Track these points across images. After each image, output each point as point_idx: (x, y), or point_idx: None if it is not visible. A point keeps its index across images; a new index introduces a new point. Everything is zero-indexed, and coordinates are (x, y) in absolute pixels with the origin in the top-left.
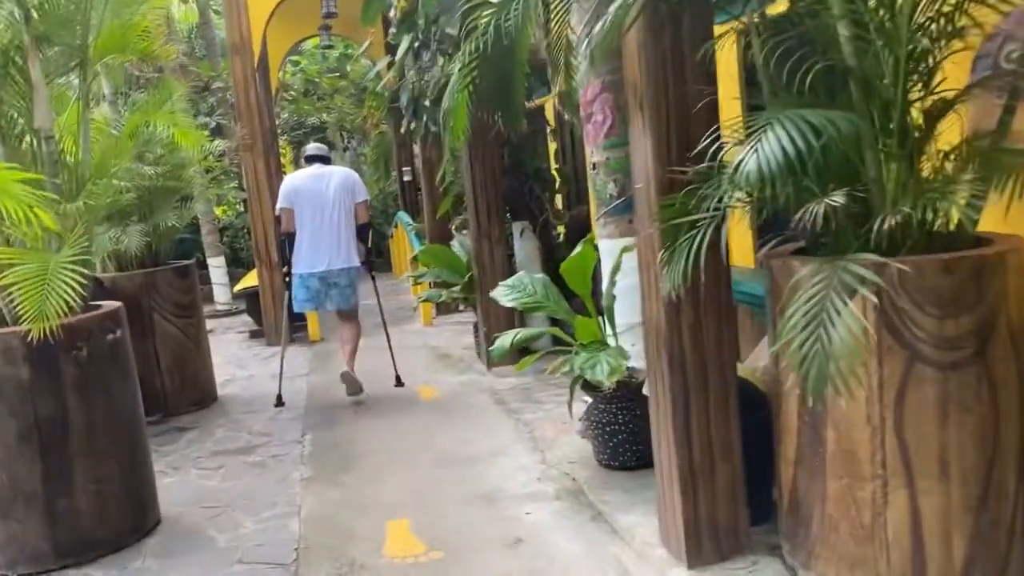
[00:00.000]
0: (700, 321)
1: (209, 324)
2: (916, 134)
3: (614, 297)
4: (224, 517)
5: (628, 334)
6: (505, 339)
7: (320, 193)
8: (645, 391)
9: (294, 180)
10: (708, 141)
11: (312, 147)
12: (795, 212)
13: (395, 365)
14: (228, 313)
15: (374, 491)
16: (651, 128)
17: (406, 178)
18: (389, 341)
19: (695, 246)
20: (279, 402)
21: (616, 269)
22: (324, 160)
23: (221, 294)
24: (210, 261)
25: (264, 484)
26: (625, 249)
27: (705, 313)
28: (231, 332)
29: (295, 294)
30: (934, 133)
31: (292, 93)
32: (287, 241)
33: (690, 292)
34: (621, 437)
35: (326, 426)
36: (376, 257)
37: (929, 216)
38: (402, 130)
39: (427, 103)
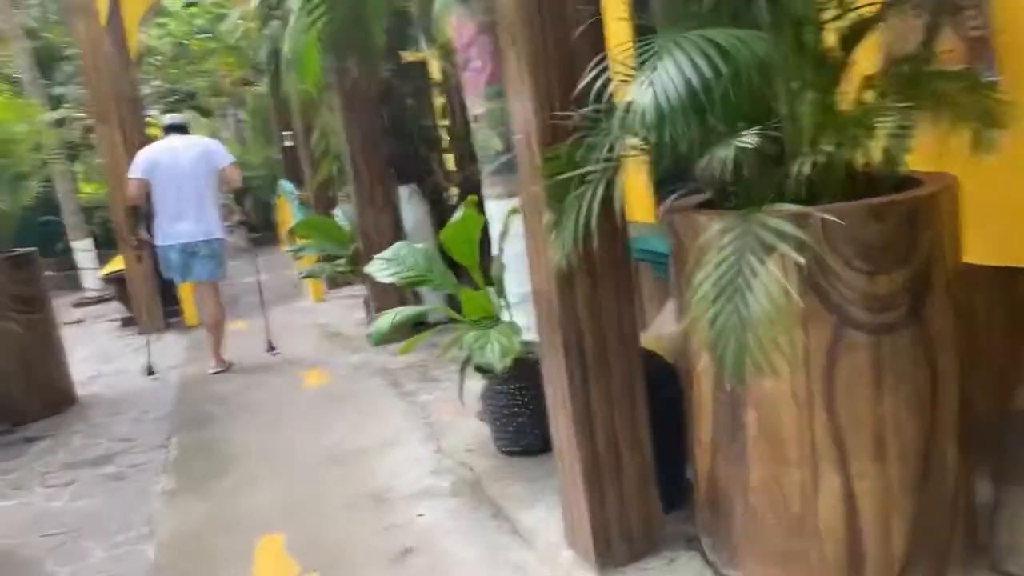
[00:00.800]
0: (597, 293)
1: (78, 313)
2: (832, 60)
3: (503, 266)
4: (69, 546)
5: (522, 306)
6: (383, 320)
7: (176, 164)
8: None
9: (151, 152)
10: (593, 76)
11: (168, 117)
12: (699, 158)
13: (268, 330)
14: (100, 300)
15: (246, 501)
16: (527, 65)
17: (287, 143)
18: (264, 311)
19: (586, 205)
20: (150, 371)
21: (504, 234)
22: (181, 130)
23: (91, 279)
24: (74, 244)
25: (120, 501)
26: (513, 211)
27: (602, 283)
28: (102, 321)
29: (162, 266)
30: (851, 58)
31: (159, 58)
32: (133, 214)
33: (584, 259)
34: (522, 420)
35: (197, 425)
36: (264, 230)
37: (850, 156)
38: (267, 89)
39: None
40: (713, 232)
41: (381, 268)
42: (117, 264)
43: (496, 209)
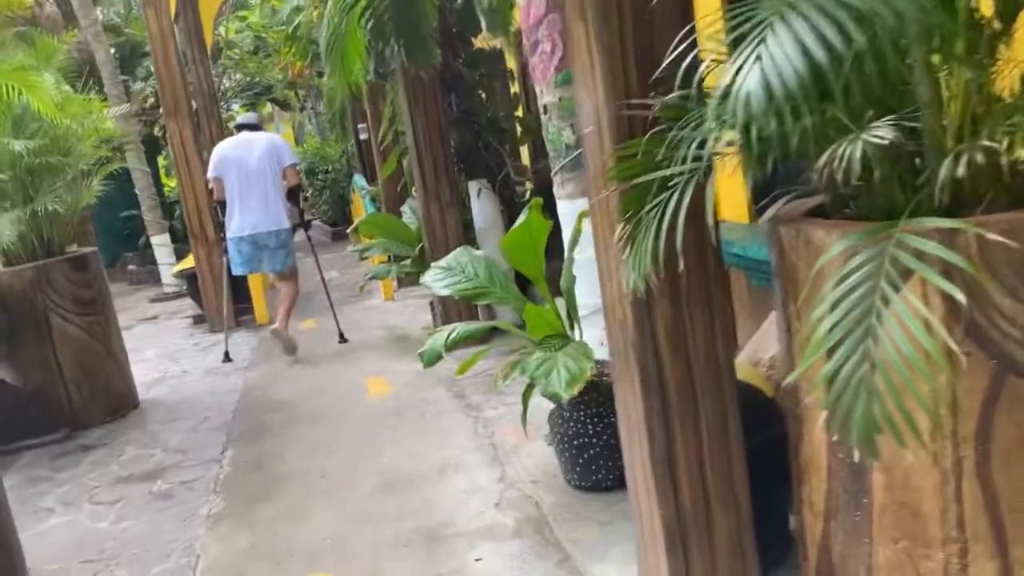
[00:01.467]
0: (681, 316)
1: (154, 310)
2: (989, 31)
3: (574, 277)
4: None
5: (594, 318)
6: (437, 340)
7: (246, 160)
8: None
9: (222, 149)
10: (678, 54)
11: (241, 117)
12: (813, 154)
13: (337, 321)
14: (177, 295)
15: (293, 532)
16: (598, 44)
17: (362, 136)
18: (330, 299)
19: (668, 214)
20: (226, 358)
21: (576, 239)
22: (252, 128)
23: (169, 275)
24: (153, 240)
25: (164, 524)
26: (583, 214)
27: (688, 305)
28: (176, 318)
29: (231, 258)
30: (1012, 30)
31: (237, 52)
32: (219, 209)
33: (666, 281)
34: (593, 452)
35: (253, 437)
36: (342, 225)
37: (1011, 153)
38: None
39: None
40: (835, 253)
41: (438, 278)
42: (189, 261)
43: (568, 210)
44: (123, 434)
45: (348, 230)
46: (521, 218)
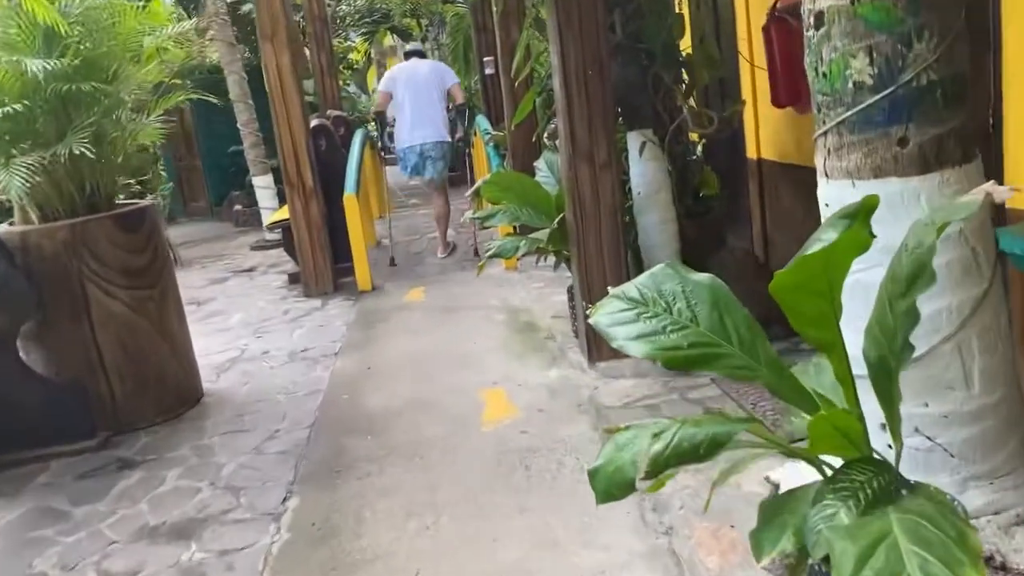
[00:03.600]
0: None
1: (253, 259)
2: None
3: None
4: None
5: (865, 384)
6: (622, 449)
7: (415, 80)
8: None
9: (395, 71)
10: None
11: (411, 45)
12: None
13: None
14: (279, 243)
15: None
16: None
17: (488, 71)
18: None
19: None
20: (392, 263)
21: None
22: (420, 55)
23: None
24: (255, 180)
25: None
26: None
27: None
28: (273, 272)
29: (401, 165)
30: None
31: None
32: (378, 119)
33: None
34: None
35: (328, 477)
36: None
37: None
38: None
39: None
40: None
41: (621, 320)
42: (282, 213)
43: (843, 194)
44: (171, 446)
45: (467, 193)
46: (825, 234)
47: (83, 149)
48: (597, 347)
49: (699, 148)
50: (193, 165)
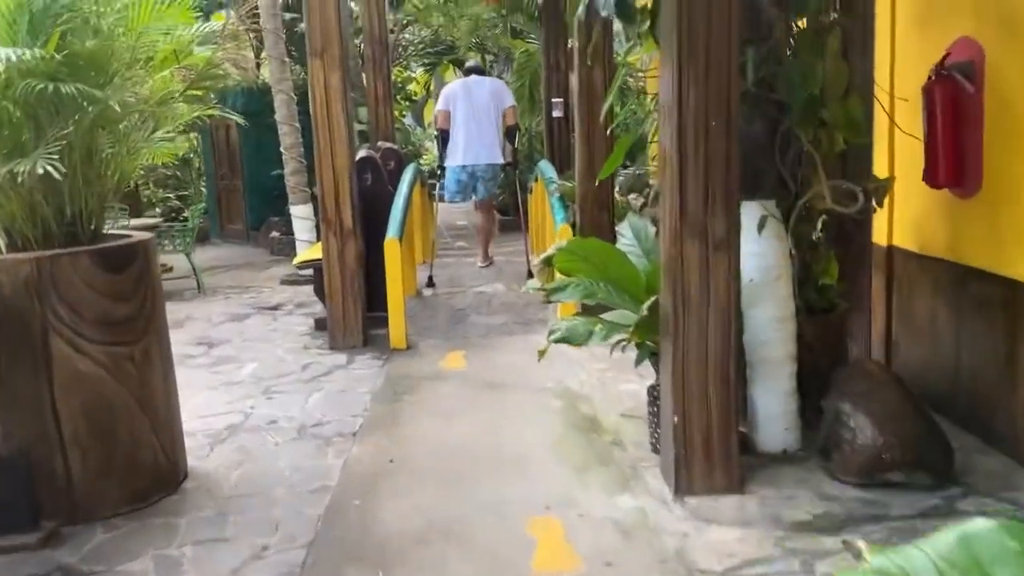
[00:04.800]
0: None
1: (280, 295)
2: None
3: None
4: None
5: None
6: None
7: (472, 99)
8: None
9: (453, 87)
10: None
11: (470, 62)
12: None
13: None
14: (310, 280)
15: None
16: None
17: (555, 113)
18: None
19: None
20: (430, 283)
21: None
22: (478, 72)
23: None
24: (294, 210)
25: None
26: None
27: None
28: (299, 313)
29: (447, 186)
30: None
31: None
32: (440, 139)
33: None
34: None
35: None
36: (507, 215)
37: None
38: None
39: None
40: None
41: None
42: (314, 251)
43: None
44: (130, 552)
45: (535, 261)
46: None
47: (48, 167)
48: (687, 473)
49: (819, 227)
50: (234, 185)
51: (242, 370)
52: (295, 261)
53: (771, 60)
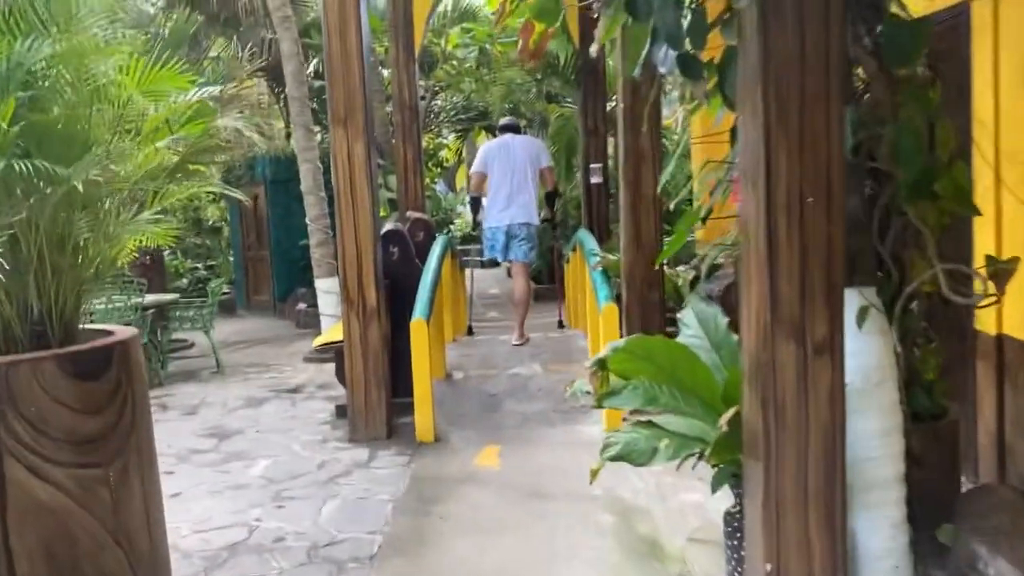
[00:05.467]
0: None
1: (302, 375)
2: None
3: None
4: None
5: None
6: None
7: (509, 159)
8: None
9: (489, 146)
10: None
11: (505, 119)
12: None
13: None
14: (333, 358)
15: None
16: None
17: (594, 180)
18: None
19: None
20: (470, 331)
21: None
22: (514, 130)
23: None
24: (319, 284)
25: None
26: None
27: None
28: (319, 397)
29: (485, 244)
30: None
31: (456, 65)
32: (473, 203)
33: None
34: None
35: None
36: (545, 283)
37: None
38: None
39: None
40: None
41: None
42: (333, 333)
43: None
44: None
45: (587, 363)
46: None
47: None
48: None
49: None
50: (261, 255)
51: (252, 469)
52: (315, 343)
53: (871, 122)
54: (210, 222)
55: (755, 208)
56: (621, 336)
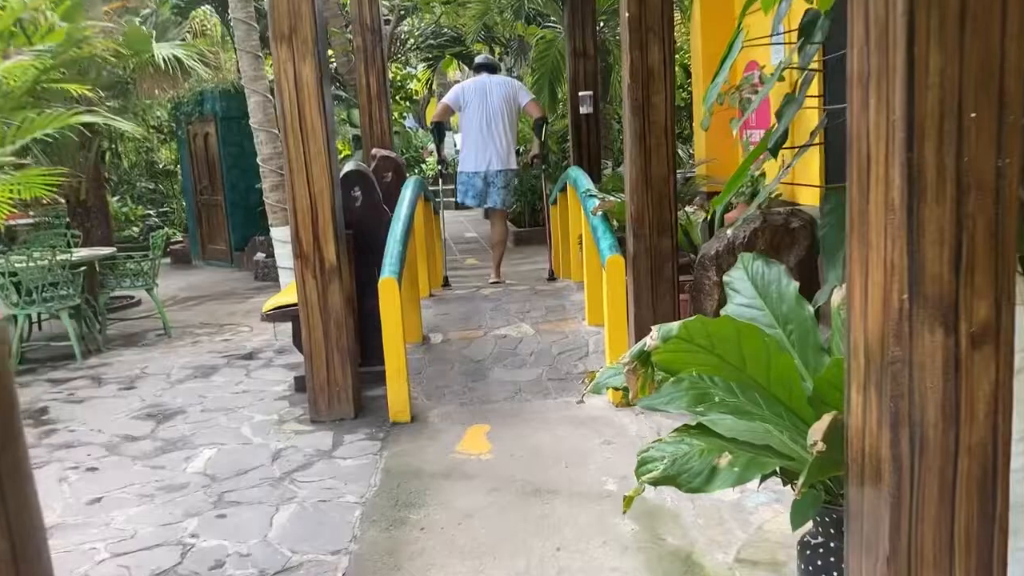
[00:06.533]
0: None
1: (259, 337)
2: None
3: None
4: None
5: None
6: None
7: (485, 101)
8: None
9: (465, 86)
10: None
11: (481, 57)
12: None
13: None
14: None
15: None
16: None
17: (583, 109)
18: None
19: None
20: (445, 282)
21: None
22: (491, 69)
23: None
24: (275, 233)
25: None
26: None
27: None
28: (277, 365)
29: (461, 190)
30: None
31: None
32: (437, 130)
33: None
34: None
35: None
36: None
37: None
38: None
39: None
40: None
41: None
42: (288, 294)
43: None
44: None
45: (623, 357)
46: None
47: None
48: None
49: None
50: (215, 201)
51: (193, 462)
52: (264, 308)
53: None
54: (161, 165)
55: (878, 128)
56: (628, 291)
